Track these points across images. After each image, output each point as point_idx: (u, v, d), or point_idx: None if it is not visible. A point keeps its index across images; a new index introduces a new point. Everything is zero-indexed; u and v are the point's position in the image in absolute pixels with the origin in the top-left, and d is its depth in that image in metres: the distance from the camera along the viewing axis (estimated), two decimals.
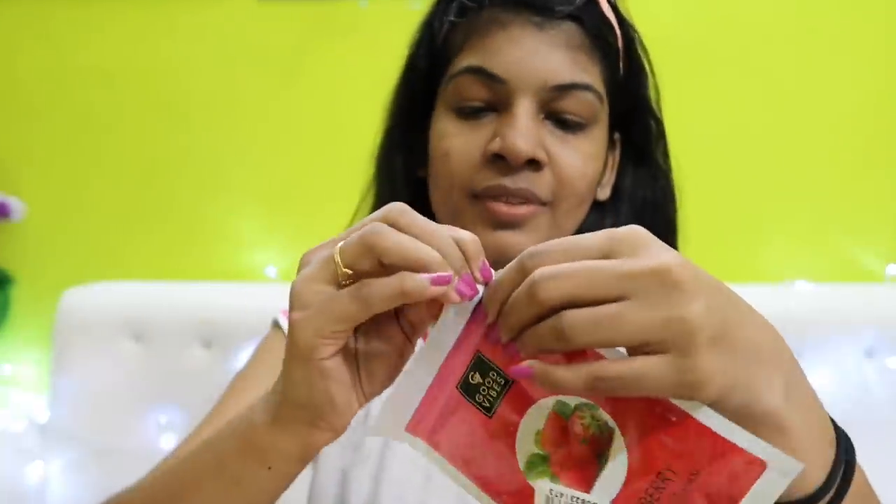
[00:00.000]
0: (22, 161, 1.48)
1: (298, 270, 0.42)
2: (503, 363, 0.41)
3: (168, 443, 1.28)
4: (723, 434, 0.37)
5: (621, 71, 0.69)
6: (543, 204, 0.64)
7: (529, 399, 0.41)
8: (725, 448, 0.37)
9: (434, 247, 0.39)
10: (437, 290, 0.38)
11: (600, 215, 0.73)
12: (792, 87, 1.36)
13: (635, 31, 0.72)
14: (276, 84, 1.44)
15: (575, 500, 0.40)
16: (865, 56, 1.34)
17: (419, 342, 0.44)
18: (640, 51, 0.72)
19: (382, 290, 0.38)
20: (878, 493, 0.46)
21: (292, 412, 0.43)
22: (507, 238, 0.64)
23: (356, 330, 0.42)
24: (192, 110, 1.46)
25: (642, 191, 0.74)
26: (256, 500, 0.47)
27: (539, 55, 0.62)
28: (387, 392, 0.45)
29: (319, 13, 1.42)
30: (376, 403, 0.67)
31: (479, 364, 0.41)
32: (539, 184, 0.64)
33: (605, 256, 0.37)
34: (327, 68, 1.43)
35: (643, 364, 0.36)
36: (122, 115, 1.46)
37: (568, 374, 0.37)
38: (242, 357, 1.27)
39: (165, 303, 1.33)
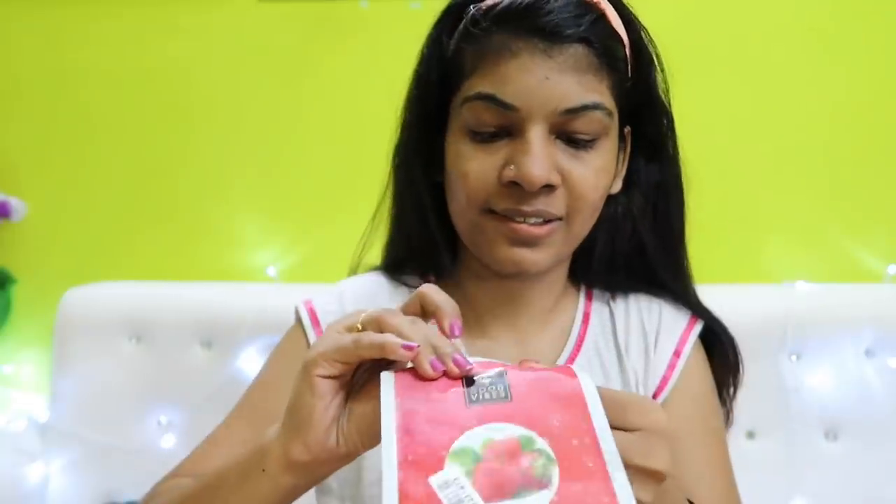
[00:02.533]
0: (22, 161, 1.48)
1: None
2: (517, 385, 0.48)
3: (168, 443, 1.28)
4: None
5: (629, 73, 0.70)
6: (560, 219, 0.68)
7: (511, 418, 0.46)
8: None
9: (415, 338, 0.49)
10: (405, 352, 0.48)
11: (613, 206, 0.75)
12: (792, 87, 1.36)
13: (641, 26, 0.73)
14: (277, 84, 1.44)
15: (468, 498, 0.42)
16: (865, 55, 1.34)
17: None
18: (647, 45, 0.73)
19: (372, 339, 0.49)
20: (879, 493, 0.46)
21: (286, 417, 0.51)
22: (524, 255, 0.67)
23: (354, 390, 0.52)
24: (193, 110, 1.46)
25: (655, 178, 0.76)
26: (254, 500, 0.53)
27: (549, 82, 0.63)
28: None
29: (320, 13, 1.42)
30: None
31: (499, 373, 0.49)
32: (553, 203, 0.66)
33: None
34: (328, 68, 1.42)
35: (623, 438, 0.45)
36: (122, 115, 1.46)
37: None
38: (243, 357, 1.27)
39: (165, 303, 1.33)
